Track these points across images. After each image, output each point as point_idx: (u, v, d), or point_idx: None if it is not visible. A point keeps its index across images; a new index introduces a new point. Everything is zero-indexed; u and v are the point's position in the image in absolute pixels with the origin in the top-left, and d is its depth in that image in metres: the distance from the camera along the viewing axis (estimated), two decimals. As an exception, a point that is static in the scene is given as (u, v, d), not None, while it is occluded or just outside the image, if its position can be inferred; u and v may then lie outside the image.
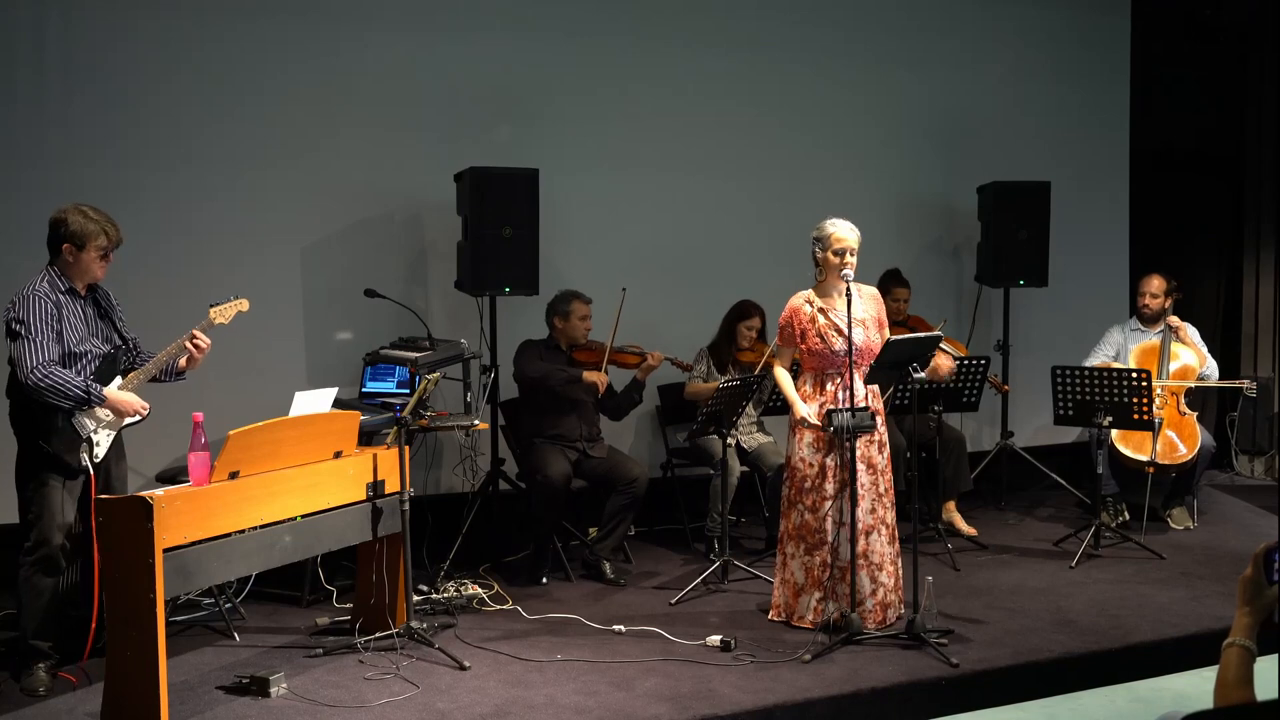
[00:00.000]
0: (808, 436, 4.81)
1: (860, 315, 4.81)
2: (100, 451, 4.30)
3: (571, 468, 5.64)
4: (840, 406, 4.69)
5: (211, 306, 4.46)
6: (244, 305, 4.54)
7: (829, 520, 4.76)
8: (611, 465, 5.73)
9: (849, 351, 4.68)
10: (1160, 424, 6.28)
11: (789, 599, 4.89)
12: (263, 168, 6.00)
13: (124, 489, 4.47)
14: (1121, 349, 6.73)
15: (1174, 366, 6.50)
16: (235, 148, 5.94)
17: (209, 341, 4.42)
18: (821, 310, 4.83)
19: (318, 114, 6.10)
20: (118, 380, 4.36)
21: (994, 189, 7.07)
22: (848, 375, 4.73)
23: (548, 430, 5.71)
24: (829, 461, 4.77)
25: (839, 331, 4.77)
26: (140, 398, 4.37)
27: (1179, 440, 6.39)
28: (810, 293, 4.89)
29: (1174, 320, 6.60)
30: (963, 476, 6.54)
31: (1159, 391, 6.37)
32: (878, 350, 4.70)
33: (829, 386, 4.81)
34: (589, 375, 5.64)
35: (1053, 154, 7.63)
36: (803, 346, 4.85)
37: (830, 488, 4.77)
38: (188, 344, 4.37)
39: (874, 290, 5.00)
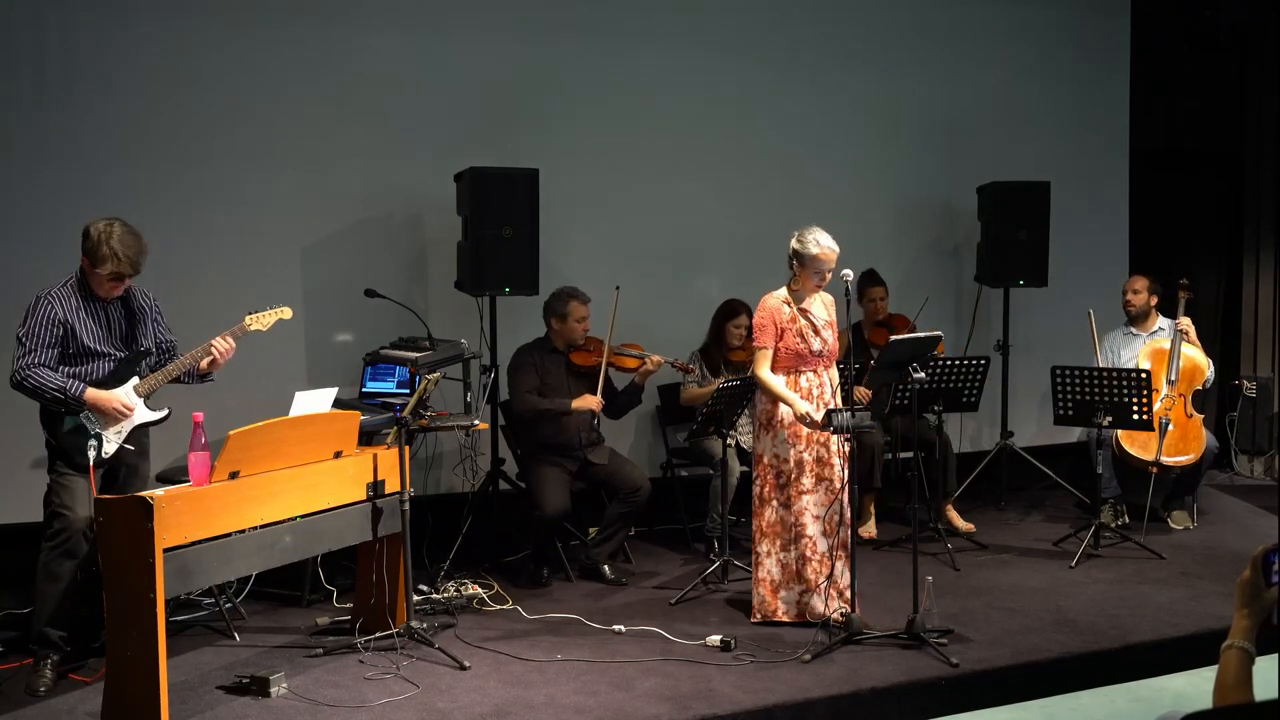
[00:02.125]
0: (781, 433, 4.83)
1: (827, 318, 4.95)
2: (109, 449, 4.31)
3: (570, 478, 5.63)
4: (839, 407, 4.71)
5: (249, 314, 4.51)
6: (286, 313, 4.60)
7: (806, 514, 4.79)
8: (614, 471, 5.71)
9: (851, 349, 4.71)
10: (1168, 424, 6.28)
11: (766, 596, 4.90)
12: (263, 168, 6.00)
13: (144, 488, 4.46)
14: (1115, 355, 6.72)
15: (1183, 367, 6.48)
16: (236, 148, 5.94)
17: (231, 345, 4.47)
18: (802, 311, 4.87)
19: (318, 114, 6.11)
20: (134, 380, 4.39)
21: (994, 189, 7.07)
22: (820, 373, 4.89)
23: (548, 438, 5.66)
24: (806, 456, 4.81)
25: (815, 331, 4.88)
26: (144, 400, 4.38)
27: (1185, 441, 6.38)
28: (784, 293, 4.93)
29: (1184, 322, 6.56)
30: (950, 480, 6.53)
31: (1166, 392, 6.36)
32: (837, 351, 4.97)
33: (803, 383, 4.87)
34: (578, 404, 5.56)
35: (1053, 154, 7.62)
36: (780, 345, 4.88)
37: (808, 482, 4.80)
38: (212, 346, 4.43)
39: (829, 296, 5.06)
